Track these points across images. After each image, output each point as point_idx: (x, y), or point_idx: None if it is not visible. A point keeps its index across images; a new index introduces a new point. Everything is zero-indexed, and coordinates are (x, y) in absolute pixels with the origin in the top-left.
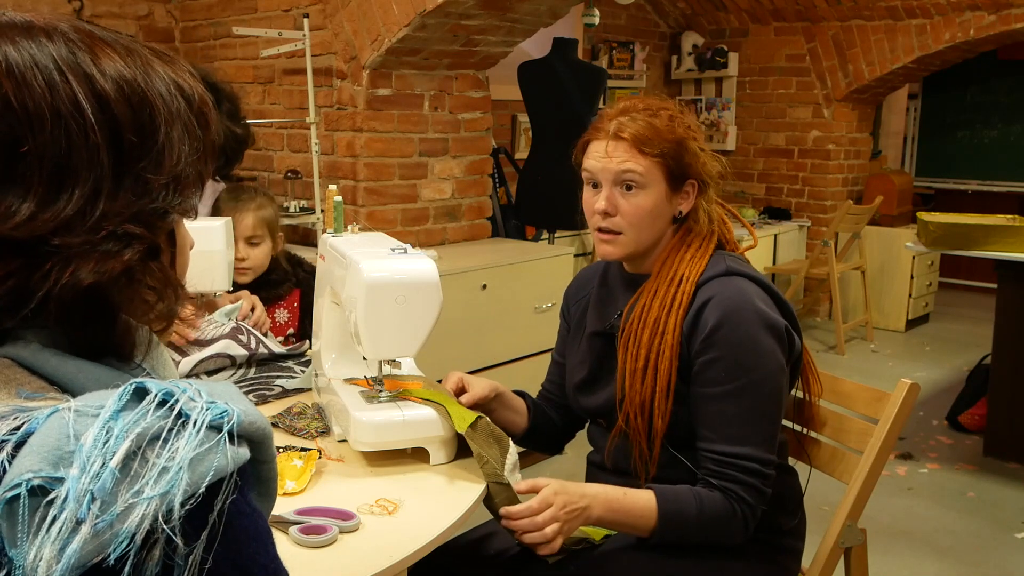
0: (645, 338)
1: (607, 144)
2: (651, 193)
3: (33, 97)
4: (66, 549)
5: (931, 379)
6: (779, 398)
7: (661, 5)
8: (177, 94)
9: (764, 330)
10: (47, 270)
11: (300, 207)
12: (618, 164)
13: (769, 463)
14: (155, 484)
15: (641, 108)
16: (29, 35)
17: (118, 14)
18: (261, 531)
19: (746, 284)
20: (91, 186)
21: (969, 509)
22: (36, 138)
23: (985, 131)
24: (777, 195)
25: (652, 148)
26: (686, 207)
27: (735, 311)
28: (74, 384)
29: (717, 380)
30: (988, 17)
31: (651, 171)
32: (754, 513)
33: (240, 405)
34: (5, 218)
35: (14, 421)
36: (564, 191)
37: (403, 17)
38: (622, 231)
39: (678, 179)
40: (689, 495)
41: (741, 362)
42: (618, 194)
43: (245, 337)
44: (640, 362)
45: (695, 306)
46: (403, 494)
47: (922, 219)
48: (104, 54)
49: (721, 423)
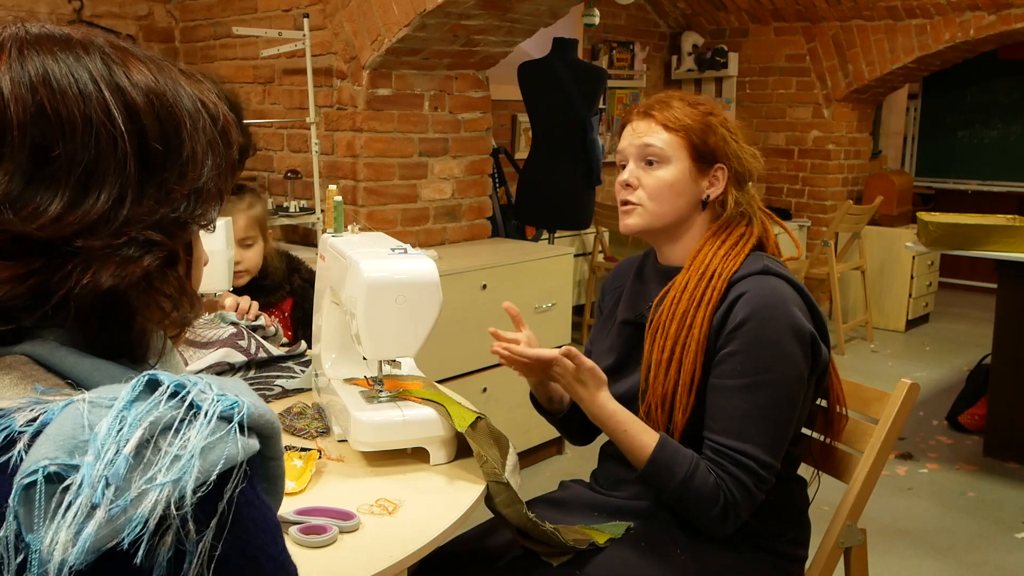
0: (672, 330)
1: (635, 124)
2: (672, 168)
3: (67, 105)
4: (81, 533)
5: (931, 379)
6: (791, 406)
7: (661, 5)
8: (203, 111)
9: (791, 334)
10: (68, 271)
11: (300, 207)
12: (641, 138)
13: (768, 467)
14: (168, 471)
15: (678, 96)
16: (67, 48)
17: (118, 14)
18: (270, 523)
19: (783, 286)
20: (117, 192)
21: (969, 509)
22: (68, 143)
23: (985, 131)
24: (777, 195)
25: (676, 123)
26: (715, 192)
27: (766, 308)
28: (89, 381)
29: (733, 373)
30: (988, 17)
31: (672, 145)
32: (736, 511)
33: (250, 398)
34: (33, 217)
35: (31, 412)
36: (564, 191)
37: (403, 17)
38: (641, 203)
39: (705, 159)
40: (687, 459)
41: (761, 360)
42: (641, 168)
43: (245, 342)
44: (666, 353)
45: (727, 302)
46: (403, 494)
47: (922, 219)
48: (136, 68)
49: (727, 416)
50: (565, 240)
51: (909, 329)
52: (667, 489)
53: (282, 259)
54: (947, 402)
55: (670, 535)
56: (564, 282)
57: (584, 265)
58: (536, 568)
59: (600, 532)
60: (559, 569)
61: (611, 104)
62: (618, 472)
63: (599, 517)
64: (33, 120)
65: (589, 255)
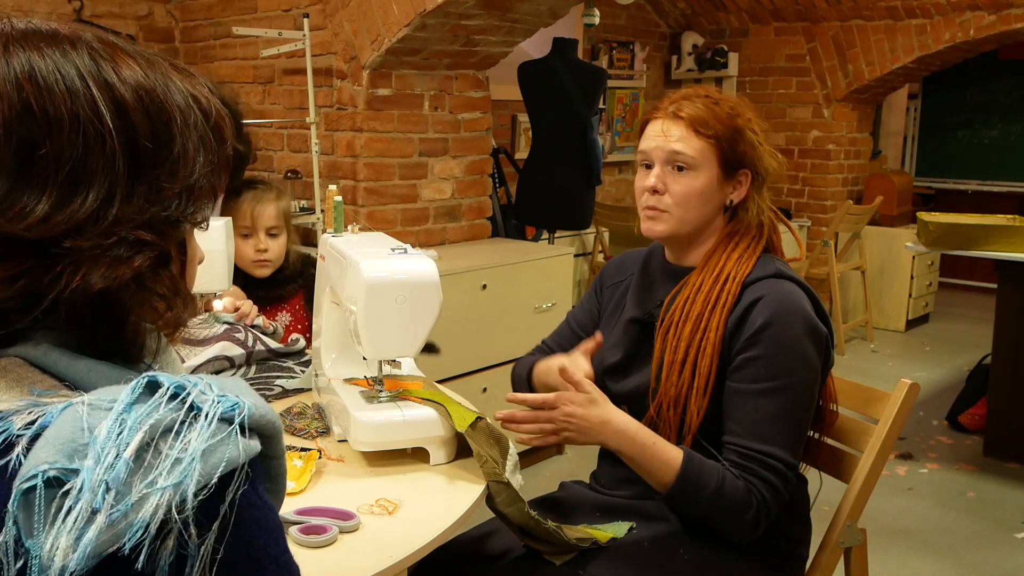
0: (687, 332)
1: (663, 123)
2: (702, 175)
3: (54, 102)
4: (82, 538)
5: (931, 379)
6: (810, 406)
7: (661, 5)
8: (195, 107)
9: (809, 337)
10: (58, 273)
11: (300, 207)
12: (672, 143)
13: (792, 467)
14: (168, 475)
15: (703, 95)
16: (54, 43)
17: (118, 14)
18: (272, 524)
19: (796, 289)
20: (105, 191)
21: (969, 509)
22: (54, 141)
23: (985, 131)
24: (777, 195)
25: (707, 129)
26: (738, 197)
27: (786, 313)
28: (85, 383)
29: (756, 377)
30: (988, 17)
31: (704, 153)
32: (768, 513)
33: (250, 399)
34: (20, 218)
35: (29, 415)
36: (564, 191)
37: (403, 17)
38: (668, 210)
39: (732, 166)
40: (715, 470)
41: (784, 363)
42: (669, 174)
43: (242, 335)
44: (679, 355)
45: (741, 305)
46: (403, 494)
47: (922, 219)
48: (125, 64)
49: (753, 420)
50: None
51: (909, 329)
52: (699, 502)
53: (298, 253)
54: (947, 402)
55: (673, 534)
56: (564, 282)
57: (584, 265)
58: (537, 568)
59: (603, 531)
60: (561, 569)
61: (611, 104)
62: (618, 472)
63: (601, 517)
64: (19, 117)
65: (589, 255)
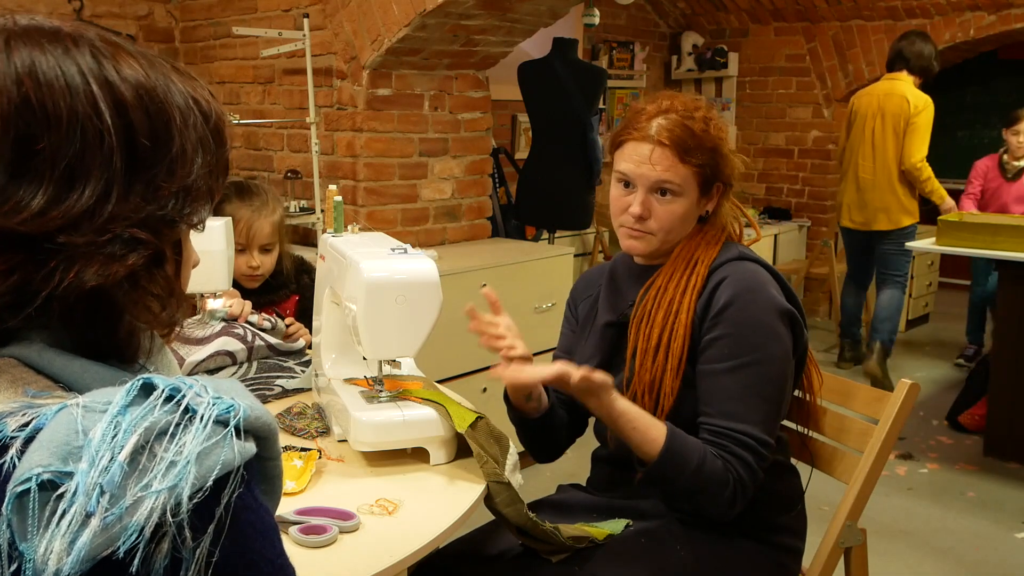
0: (659, 318)
1: (651, 150)
2: (685, 200)
3: (53, 98)
4: (76, 542)
5: (931, 379)
6: (782, 384)
7: (661, 5)
8: (195, 108)
9: (775, 314)
10: (51, 269)
11: (300, 207)
12: (658, 172)
13: (765, 444)
14: (163, 478)
15: (679, 109)
16: (56, 40)
17: (118, 14)
18: (268, 526)
19: (759, 269)
20: (102, 187)
21: (969, 509)
22: (52, 136)
23: (985, 131)
24: (777, 195)
25: (693, 158)
26: (711, 207)
27: (747, 291)
28: (80, 383)
29: (722, 356)
30: (988, 17)
31: (688, 180)
32: (744, 490)
33: (246, 401)
34: (15, 212)
35: (23, 417)
36: (564, 191)
37: (403, 17)
38: (652, 232)
39: (710, 184)
40: (697, 446)
41: (747, 340)
42: (653, 199)
43: (241, 331)
44: (652, 341)
45: (708, 287)
46: (403, 494)
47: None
48: (127, 63)
49: (721, 398)
50: (565, 240)
51: (909, 329)
52: (682, 477)
53: (292, 259)
54: (947, 402)
55: (669, 531)
56: (564, 282)
57: (584, 265)
58: (535, 566)
59: (599, 529)
60: (559, 567)
61: (611, 104)
62: (612, 474)
63: (598, 518)
64: (18, 112)
65: (589, 255)
